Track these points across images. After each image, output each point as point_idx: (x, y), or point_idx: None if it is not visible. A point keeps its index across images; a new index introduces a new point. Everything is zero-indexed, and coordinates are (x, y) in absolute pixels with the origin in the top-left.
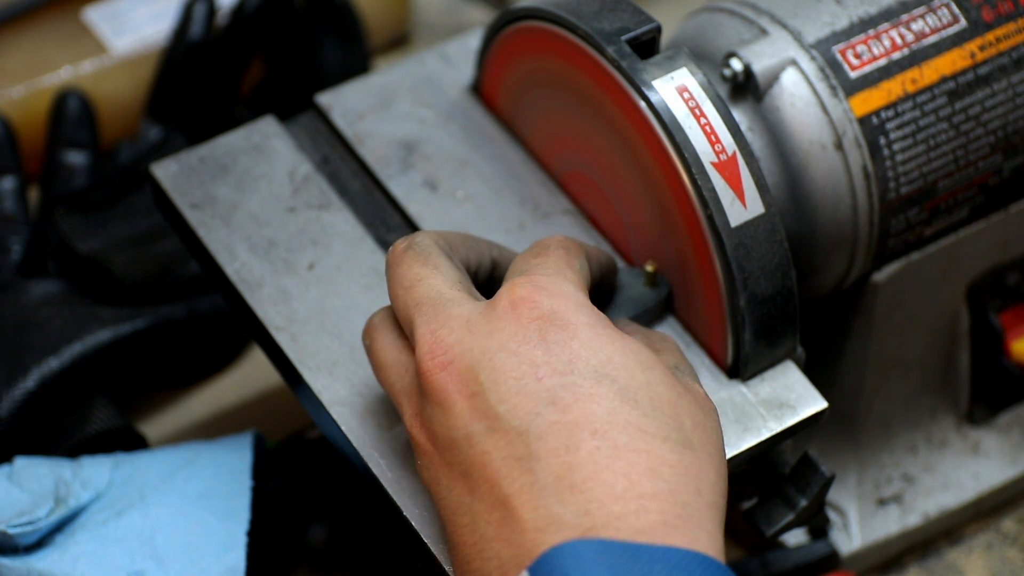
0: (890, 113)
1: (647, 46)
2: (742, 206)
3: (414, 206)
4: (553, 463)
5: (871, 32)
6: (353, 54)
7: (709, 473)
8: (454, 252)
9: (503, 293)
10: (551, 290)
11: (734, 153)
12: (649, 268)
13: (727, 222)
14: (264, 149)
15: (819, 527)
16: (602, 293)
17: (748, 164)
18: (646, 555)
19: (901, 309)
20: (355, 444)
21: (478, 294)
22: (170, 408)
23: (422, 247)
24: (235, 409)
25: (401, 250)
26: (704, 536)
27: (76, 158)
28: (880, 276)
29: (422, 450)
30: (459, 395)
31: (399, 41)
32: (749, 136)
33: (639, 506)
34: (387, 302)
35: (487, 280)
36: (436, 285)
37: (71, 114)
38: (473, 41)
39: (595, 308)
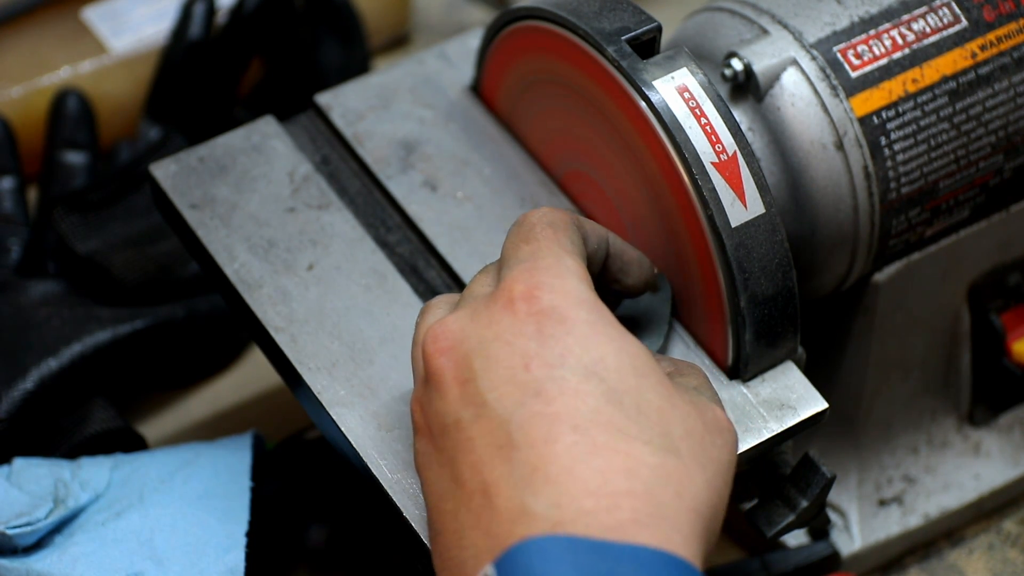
0: (891, 113)
1: (647, 46)
2: (742, 206)
3: (414, 206)
4: (530, 454)
5: (872, 32)
6: (353, 54)
7: (695, 481)
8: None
9: (504, 286)
10: (551, 284)
11: (734, 153)
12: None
13: (727, 222)
14: (263, 149)
15: (820, 528)
16: (609, 275)
17: (748, 164)
18: (613, 553)
19: (902, 309)
20: (355, 445)
21: None
22: (169, 409)
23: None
24: (234, 410)
25: None
26: (677, 538)
27: (75, 158)
28: (881, 276)
29: (420, 433)
30: (454, 381)
31: (399, 41)
32: (749, 136)
33: (611, 503)
34: (387, 303)
35: (600, 270)
36: (476, 285)
37: (70, 114)
38: (473, 41)
39: (598, 302)
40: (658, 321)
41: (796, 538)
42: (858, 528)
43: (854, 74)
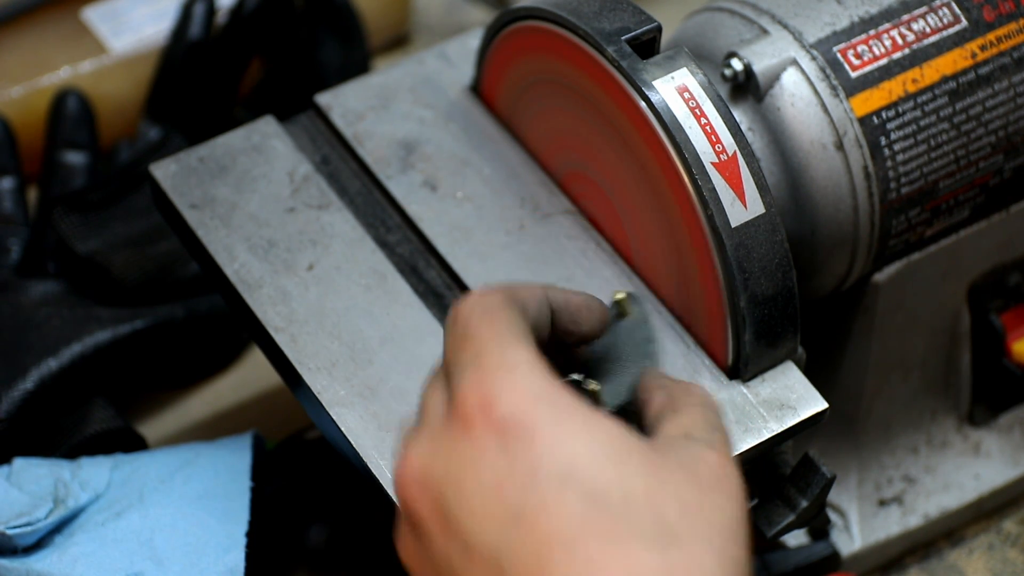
0: (891, 113)
1: (647, 46)
2: (742, 206)
3: (414, 206)
4: None
5: (872, 32)
6: (353, 54)
7: (705, 565)
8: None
9: (456, 402)
10: (502, 386)
11: (734, 153)
12: (619, 296)
13: (727, 222)
14: (263, 149)
15: (820, 528)
16: (560, 329)
17: (748, 164)
18: None
19: (902, 310)
20: (355, 445)
21: None
22: (169, 409)
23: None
24: (234, 410)
25: None
26: None
27: (75, 158)
28: (881, 276)
29: (410, 571)
30: (432, 519)
31: (399, 41)
32: (749, 136)
33: None
34: (387, 303)
35: (549, 336)
36: (429, 400)
37: (70, 114)
38: (473, 41)
39: (555, 390)
40: (642, 344)
41: (796, 538)
42: (858, 528)
43: (854, 74)
